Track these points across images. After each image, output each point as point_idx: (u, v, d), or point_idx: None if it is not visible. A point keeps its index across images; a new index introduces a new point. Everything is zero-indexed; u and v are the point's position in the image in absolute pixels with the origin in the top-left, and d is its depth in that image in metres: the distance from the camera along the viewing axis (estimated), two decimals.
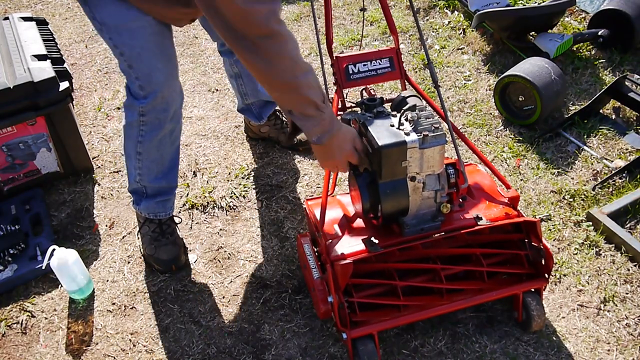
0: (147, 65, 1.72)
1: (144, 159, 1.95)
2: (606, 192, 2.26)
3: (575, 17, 3.31)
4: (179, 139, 2.03)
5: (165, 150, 1.97)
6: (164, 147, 1.95)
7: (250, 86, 2.38)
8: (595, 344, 1.79)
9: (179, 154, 2.07)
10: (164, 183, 2.04)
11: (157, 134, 1.88)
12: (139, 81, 1.75)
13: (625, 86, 2.58)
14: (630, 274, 1.98)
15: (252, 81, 2.34)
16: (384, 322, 1.69)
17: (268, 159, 2.58)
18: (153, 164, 1.97)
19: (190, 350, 1.86)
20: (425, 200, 1.69)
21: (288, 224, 2.27)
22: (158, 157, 1.96)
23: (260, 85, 2.34)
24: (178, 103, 1.89)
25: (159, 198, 2.06)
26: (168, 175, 2.04)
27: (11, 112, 2.19)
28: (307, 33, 3.47)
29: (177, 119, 1.93)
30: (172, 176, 2.06)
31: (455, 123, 2.68)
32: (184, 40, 3.49)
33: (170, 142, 1.96)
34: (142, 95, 1.78)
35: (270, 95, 1.55)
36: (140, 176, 2.00)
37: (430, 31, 3.39)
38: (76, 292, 2.01)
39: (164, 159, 1.99)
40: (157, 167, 1.99)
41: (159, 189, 2.05)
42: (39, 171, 2.40)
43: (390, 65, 1.94)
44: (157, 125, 1.86)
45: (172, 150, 2.01)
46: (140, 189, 2.04)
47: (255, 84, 2.35)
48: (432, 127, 1.59)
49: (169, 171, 2.03)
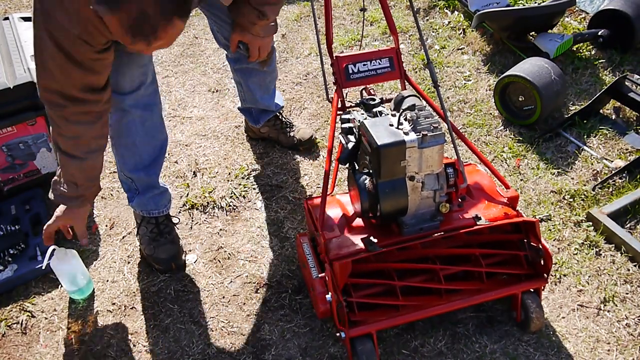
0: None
1: (117, 145, 1.95)
2: (606, 192, 2.26)
3: (575, 17, 3.31)
4: (159, 132, 2.00)
5: (139, 140, 1.93)
6: (136, 136, 1.91)
7: (249, 95, 2.39)
8: (595, 344, 1.79)
9: (164, 151, 2.06)
10: (143, 175, 2.02)
11: (122, 117, 1.85)
12: None
13: (625, 86, 2.58)
14: (630, 274, 1.98)
15: (252, 91, 2.36)
16: (382, 321, 1.69)
17: (268, 159, 2.58)
18: (127, 152, 1.96)
19: (190, 350, 1.86)
20: (424, 199, 1.69)
21: (288, 224, 2.27)
22: (130, 145, 1.94)
23: (259, 96, 2.37)
24: (141, 91, 1.84)
25: (148, 193, 2.06)
26: (148, 168, 2.02)
27: (11, 112, 2.20)
28: (307, 33, 3.47)
29: (144, 107, 1.88)
30: (153, 170, 2.04)
31: (455, 123, 2.68)
32: (184, 41, 3.50)
33: (144, 132, 1.92)
34: None
35: None
36: (119, 163, 2.01)
37: (430, 31, 3.39)
38: (76, 293, 2.01)
39: (140, 150, 1.96)
40: (133, 157, 1.97)
41: (146, 183, 2.04)
42: (39, 171, 2.40)
43: (390, 65, 1.94)
44: (118, 109, 1.82)
45: (153, 142, 1.98)
46: (130, 183, 2.05)
47: (254, 95, 2.37)
48: (431, 127, 1.59)
49: (149, 165, 2.01)
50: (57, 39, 1.38)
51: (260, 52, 1.98)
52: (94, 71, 1.48)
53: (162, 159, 2.08)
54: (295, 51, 3.31)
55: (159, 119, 1.99)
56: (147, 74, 1.85)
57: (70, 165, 1.64)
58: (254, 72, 2.27)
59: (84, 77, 1.47)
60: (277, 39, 3.42)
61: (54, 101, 1.50)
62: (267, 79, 2.34)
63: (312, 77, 3.08)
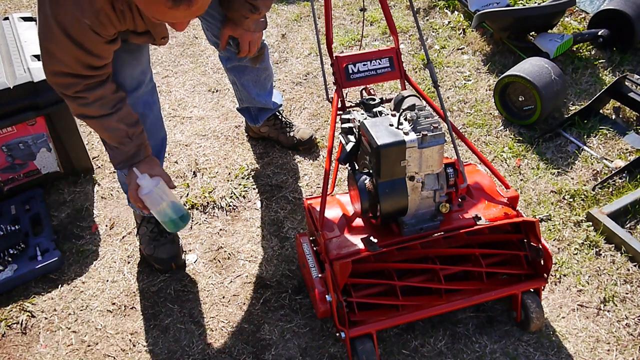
0: None
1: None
2: (606, 192, 2.26)
3: (575, 17, 3.31)
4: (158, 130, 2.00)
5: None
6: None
7: (244, 93, 2.39)
8: (595, 344, 1.79)
9: (163, 150, 2.07)
10: None
11: None
12: None
13: (625, 86, 2.58)
14: (630, 274, 1.98)
15: (247, 89, 2.35)
16: (382, 321, 1.69)
17: (268, 159, 2.58)
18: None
19: (190, 350, 1.86)
20: (424, 199, 1.69)
21: (288, 224, 2.27)
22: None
23: (255, 93, 2.36)
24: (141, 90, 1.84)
25: None
26: None
27: (11, 112, 2.20)
28: (307, 33, 3.47)
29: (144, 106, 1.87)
30: None
31: (455, 123, 2.68)
32: (184, 40, 3.50)
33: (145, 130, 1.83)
34: None
35: None
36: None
37: (430, 31, 3.39)
38: (183, 218, 1.76)
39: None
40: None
41: None
42: (39, 171, 2.40)
43: (390, 65, 1.94)
44: None
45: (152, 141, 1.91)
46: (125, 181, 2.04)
47: (250, 92, 2.37)
48: (431, 127, 1.59)
49: None
50: (66, 29, 1.40)
51: (250, 47, 2.00)
52: (101, 57, 1.52)
53: (163, 156, 2.09)
54: (295, 51, 3.31)
55: (159, 116, 2.01)
56: (147, 73, 1.87)
57: (111, 124, 1.65)
58: (247, 69, 2.26)
59: (93, 61, 1.51)
60: (277, 39, 3.42)
61: (66, 82, 1.53)
62: (261, 76, 2.34)
63: (312, 77, 3.08)
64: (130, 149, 1.71)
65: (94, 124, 1.67)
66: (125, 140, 1.69)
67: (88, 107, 1.60)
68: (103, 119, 1.63)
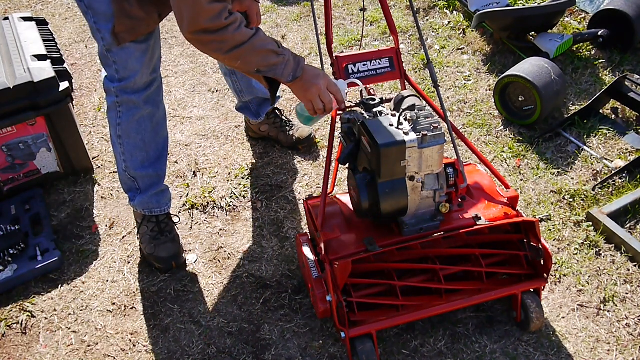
0: (126, 52, 1.79)
1: (125, 144, 1.98)
2: (606, 192, 2.26)
3: (575, 17, 3.30)
4: (163, 129, 2.06)
5: (147, 136, 1.99)
6: (145, 132, 1.97)
7: (244, 82, 2.39)
8: (595, 344, 1.79)
9: (166, 148, 2.10)
10: (151, 171, 2.06)
11: (134, 115, 1.92)
12: (115, 65, 1.82)
13: (625, 86, 2.58)
14: (630, 274, 1.98)
15: (247, 78, 2.35)
16: (382, 321, 1.69)
17: (268, 159, 2.58)
18: (136, 150, 1.99)
19: (190, 350, 1.86)
20: (424, 199, 1.69)
21: (288, 224, 2.27)
22: (139, 142, 1.98)
23: (255, 81, 2.35)
24: (153, 89, 1.93)
25: (151, 191, 2.08)
26: (155, 164, 2.06)
27: (11, 112, 2.20)
28: (307, 33, 3.47)
29: (153, 103, 1.96)
30: (159, 165, 2.08)
31: (455, 123, 2.68)
32: (184, 40, 3.49)
33: (151, 128, 1.98)
34: (117, 78, 1.85)
35: (233, 68, 1.71)
36: (125, 163, 2.02)
37: (430, 31, 3.39)
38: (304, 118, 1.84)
39: (147, 147, 2.01)
40: (141, 154, 2.01)
41: (149, 180, 2.06)
42: (39, 171, 2.40)
43: (390, 65, 1.94)
44: (132, 107, 1.91)
45: (157, 139, 2.04)
46: (132, 183, 2.07)
47: (250, 80, 2.36)
48: (431, 127, 1.59)
49: (155, 161, 2.06)
50: None
51: (258, 17, 2.10)
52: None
53: (166, 154, 2.12)
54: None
55: (164, 116, 2.06)
56: (157, 72, 1.94)
57: (263, 39, 1.61)
58: None
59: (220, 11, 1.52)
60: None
61: (218, 10, 1.50)
62: None
63: None
64: (288, 51, 1.64)
65: (250, 50, 1.58)
66: (279, 49, 1.63)
67: (238, 30, 1.55)
68: (254, 38, 1.58)
